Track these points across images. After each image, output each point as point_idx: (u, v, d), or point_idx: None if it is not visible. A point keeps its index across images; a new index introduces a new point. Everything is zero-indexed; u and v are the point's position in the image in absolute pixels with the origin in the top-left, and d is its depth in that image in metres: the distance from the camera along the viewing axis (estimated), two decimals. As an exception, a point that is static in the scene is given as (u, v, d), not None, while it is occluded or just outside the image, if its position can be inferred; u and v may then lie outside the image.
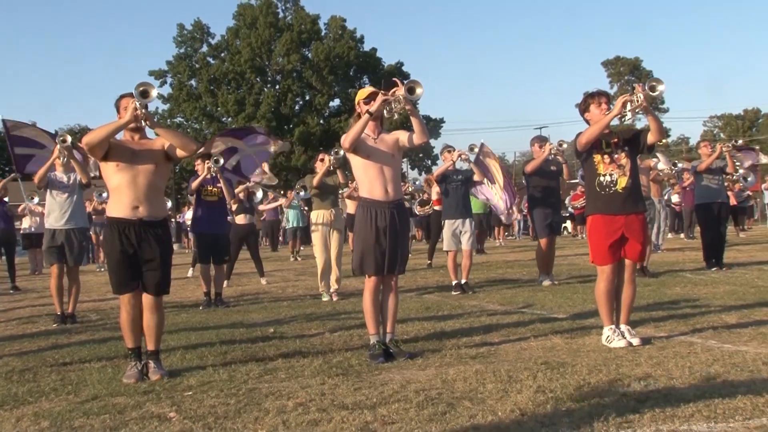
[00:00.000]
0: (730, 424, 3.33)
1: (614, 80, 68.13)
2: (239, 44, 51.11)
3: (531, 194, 10.41)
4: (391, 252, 5.25)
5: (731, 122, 71.43)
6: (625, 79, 65.29)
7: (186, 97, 50.92)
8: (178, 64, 51.90)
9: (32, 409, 4.19)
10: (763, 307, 6.90)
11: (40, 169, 8.11)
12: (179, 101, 50.68)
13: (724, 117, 73.75)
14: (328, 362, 5.10)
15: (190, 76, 51.83)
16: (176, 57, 52.35)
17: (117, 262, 4.90)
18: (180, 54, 52.50)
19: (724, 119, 73.43)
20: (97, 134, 4.80)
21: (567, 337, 5.74)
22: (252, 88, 50.78)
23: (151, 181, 4.95)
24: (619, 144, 5.53)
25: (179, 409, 3.99)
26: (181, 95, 50.84)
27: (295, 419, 3.67)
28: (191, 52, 52.74)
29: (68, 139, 8.17)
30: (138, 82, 4.80)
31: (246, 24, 51.21)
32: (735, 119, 71.95)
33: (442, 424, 3.48)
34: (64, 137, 8.16)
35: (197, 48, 52.84)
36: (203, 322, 7.65)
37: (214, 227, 9.33)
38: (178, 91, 50.89)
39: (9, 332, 7.68)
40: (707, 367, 4.46)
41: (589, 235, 5.68)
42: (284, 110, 50.35)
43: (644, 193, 8.65)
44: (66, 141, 8.14)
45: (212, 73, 51.10)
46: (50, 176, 8.08)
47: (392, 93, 5.15)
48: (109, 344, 6.32)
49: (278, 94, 50.80)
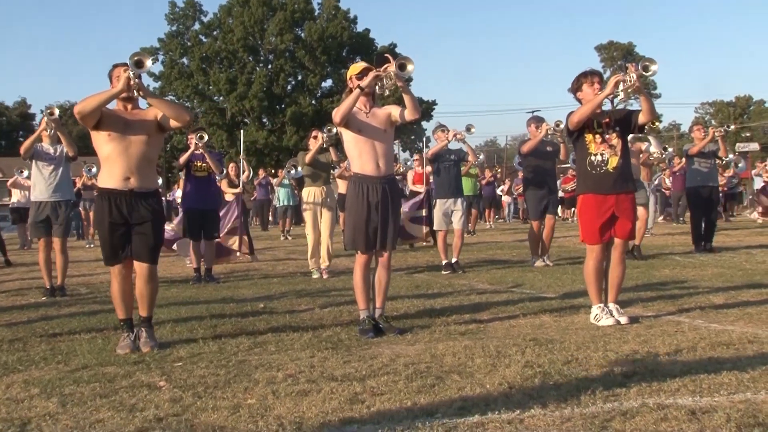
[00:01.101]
0: (714, 398, 3.36)
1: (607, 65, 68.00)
2: (232, 23, 50.71)
3: (526, 175, 10.38)
4: (382, 228, 5.25)
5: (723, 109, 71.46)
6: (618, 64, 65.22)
7: (177, 75, 50.57)
8: (170, 41, 51.53)
9: (22, 377, 4.20)
10: (749, 288, 6.95)
11: (26, 141, 8.08)
12: (171, 79, 50.30)
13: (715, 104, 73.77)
14: (317, 336, 5.12)
15: (181, 54, 51.47)
16: (168, 35, 51.97)
17: (108, 233, 4.88)
18: (172, 32, 52.11)
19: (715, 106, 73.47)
20: (89, 102, 4.74)
21: (556, 315, 5.78)
22: (244, 68, 50.48)
23: (144, 151, 4.91)
24: (611, 124, 5.52)
25: (169, 379, 4.00)
26: (172, 73, 50.46)
27: (284, 389, 3.68)
28: (183, 29, 52.37)
29: (56, 112, 8.17)
30: (132, 52, 4.76)
31: (239, 2, 50.76)
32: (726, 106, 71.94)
33: (431, 396, 3.51)
34: (51, 110, 8.18)
35: (189, 26, 52.45)
36: (193, 297, 7.64)
37: (204, 203, 9.30)
38: (169, 69, 50.49)
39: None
40: (693, 344, 4.49)
41: (579, 214, 5.69)
42: (276, 90, 50.09)
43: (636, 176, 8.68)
44: (53, 114, 8.11)
45: (204, 51, 50.71)
46: (36, 148, 8.00)
47: (384, 69, 5.13)
48: (98, 316, 6.33)
49: (270, 73, 50.53)
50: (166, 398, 3.60)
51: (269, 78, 50.07)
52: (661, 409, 3.17)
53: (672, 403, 3.28)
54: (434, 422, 3.07)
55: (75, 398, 3.68)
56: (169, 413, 3.34)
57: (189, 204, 9.38)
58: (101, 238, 4.99)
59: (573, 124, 5.51)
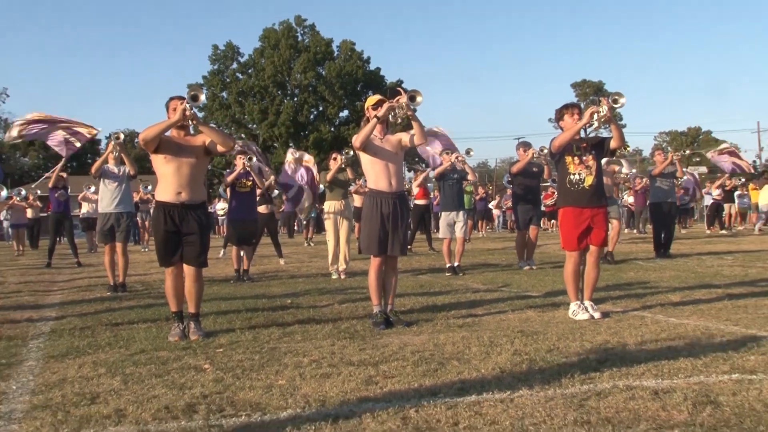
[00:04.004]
0: (674, 380, 3.36)
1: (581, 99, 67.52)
2: (264, 62, 51.01)
3: (515, 192, 10.40)
4: (393, 235, 5.24)
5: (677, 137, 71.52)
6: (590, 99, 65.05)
7: (218, 107, 50.90)
8: (212, 78, 51.86)
9: (91, 359, 4.23)
10: (701, 288, 6.93)
11: (96, 162, 8.16)
12: (212, 110, 50.55)
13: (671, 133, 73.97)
14: (337, 328, 5.12)
15: (221, 89, 51.79)
16: (210, 72, 52.35)
17: (163, 239, 4.91)
18: (214, 70, 52.48)
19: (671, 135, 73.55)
20: (151, 131, 4.78)
21: (539, 311, 5.75)
22: (274, 100, 50.67)
23: (192, 171, 4.94)
24: (587, 148, 5.53)
25: (212, 362, 4.02)
26: (214, 105, 50.77)
27: (309, 372, 3.69)
28: (223, 68, 52.67)
29: (121, 137, 8.20)
30: (190, 86, 4.78)
31: (270, 45, 51.14)
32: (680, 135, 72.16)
33: (434, 379, 3.50)
34: (117, 135, 8.19)
35: (228, 65, 52.77)
36: (231, 293, 7.66)
37: (246, 214, 9.36)
38: (211, 101, 50.74)
39: (71, 298, 7.74)
40: (655, 336, 4.49)
41: (560, 225, 5.69)
42: (301, 119, 50.28)
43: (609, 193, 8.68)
44: (119, 138, 8.16)
45: (240, 86, 51.02)
46: (104, 168, 8.12)
47: (396, 100, 5.13)
48: (153, 309, 6.36)
49: (296, 105, 50.69)
50: (210, 378, 3.62)
51: (295, 109, 50.23)
52: (629, 390, 3.17)
53: (638, 384, 3.28)
54: (437, 401, 3.08)
55: (134, 377, 3.70)
56: (212, 391, 3.36)
57: (234, 215, 9.41)
58: (157, 243, 5.00)
59: (555, 148, 5.51)
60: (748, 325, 4.82)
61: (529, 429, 2.69)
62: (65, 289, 8.81)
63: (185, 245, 4.92)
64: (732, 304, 5.81)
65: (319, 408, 3.05)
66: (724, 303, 5.90)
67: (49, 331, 5.39)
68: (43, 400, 3.30)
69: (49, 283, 9.63)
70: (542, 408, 2.94)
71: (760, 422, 2.73)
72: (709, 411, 2.87)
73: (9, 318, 6.18)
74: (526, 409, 2.94)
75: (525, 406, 2.98)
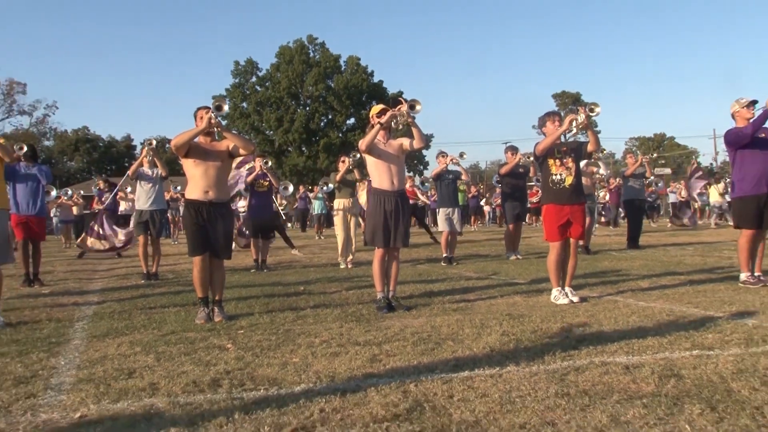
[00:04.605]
0: (642, 357, 3.37)
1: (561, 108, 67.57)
2: (279, 76, 50.88)
3: (503, 190, 10.39)
4: (395, 229, 5.24)
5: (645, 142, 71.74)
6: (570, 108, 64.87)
7: (239, 116, 50.76)
8: (234, 90, 51.73)
9: (128, 339, 4.25)
10: (666, 276, 6.94)
11: (133, 165, 8.19)
12: (234, 119, 50.44)
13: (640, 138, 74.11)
14: (345, 312, 5.12)
15: (242, 100, 51.65)
16: (232, 85, 52.23)
17: (192, 232, 4.92)
18: (235, 83, 52.35)
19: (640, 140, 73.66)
20: (182, 138, 4.80)
21: (525, 296, 5.76)
22: (288, 109, 50.57)
23: (218, 172, 4.96)
24: (567, 152, 5.52)
25: (234, 342, 4.03)
26: (235, 114, 50.65)
27: (320, 351, 3.70)
28: (243, 81, 52.53)
29: (154, 143, 8.23)
30: (215, 97, 4.79)
31: (285, 61, 51.00)
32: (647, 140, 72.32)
33: (431, 357, 3.50)
34: (150, 141, 8.24)
35: (248, 79, 52.62)
36: (251, 281, 7.66)
37: (264, 211, 9.41)
38: (233, 111, 50.62)
39: (111, 285, 7.78)
40: (627, 317, 4.49)
41: (543, 219, 5.68)
42: (312, 126, 50.19)
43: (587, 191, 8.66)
44: (152, 144, 8.19)
45: (259, 97, 50.90)
46: (139, 170, 8.14)
47: (398, 109, 5.13)
48: (182, 295, 6.38)
49: (308, 114, 50.59)
50: (233, 357, 3.63)
51: (307, 117, 50.15)
52: (603, 366, 3.17)
53: (611, 361, 3.28)
54: (434, 377, 3.08)
55: (166, 355, 3.72)
56: (234, 368, 3.37)
57: (253, 212, 9.44)
58: (188, 236, 5.01)
59: (539, 151, 5.51)
60: (706, 308, 4.84)
61: (516, 401, 2.70)
62: (105, 277, 8.83)
63: (211, 238, 4.92)
64: (693, 289, 5.82)
65: (329, 383, 3.06)
66: (686, 288, 5.91)
67: (92, 314, 5.41)
68: (87, 375, 3.32)
69: (92, 272, 9.66)
70: (527, 382, 2.95)
71: (716, 392, 2.75)
72: (672, 383, 2.88)
73: (58, 302, 6.22)
74: (513, 383, 2.95)
75: (512, 380, 2.99)
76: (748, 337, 3.75)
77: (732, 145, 6.10)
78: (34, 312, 5.60)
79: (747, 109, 6.05)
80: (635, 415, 2.49)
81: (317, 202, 19.73)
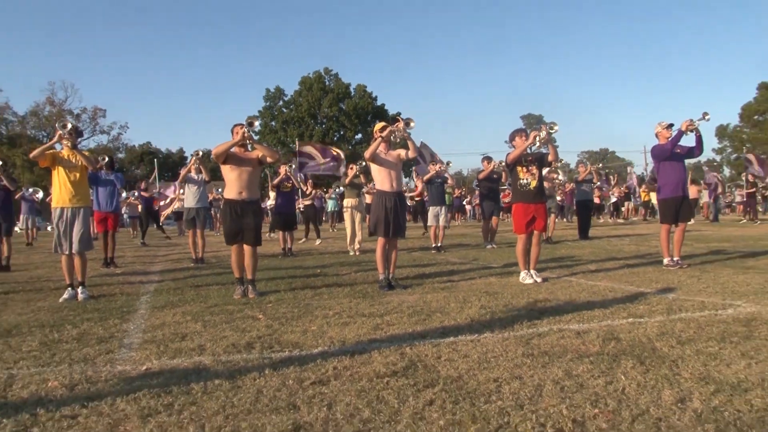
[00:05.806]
0: (590, 324, 3.37)
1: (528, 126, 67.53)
2: (301, 100, 50.76)
3: (481, 192, 10.38)
4: (394, 223, 5.23)
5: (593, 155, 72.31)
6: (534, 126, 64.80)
7: (268, 132, 50.62)
8: (265, 111, 51.60)
9: (181, 310, 4.26)
10: (610, 260, 6.94)
11: (182, 171, 8.18)
12: (264, 134, 50.36)
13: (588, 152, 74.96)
14: (353, 289, 5.11)
15: (271, 119, 51.57)
16: (264, 108, 52.09)
17: (229, 225, 4.90)
18: (266, 106, 52.19)
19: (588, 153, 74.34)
20: (221, 148, 4.79)
21: (499, 277, 5.74)
22: (308, 127, 50.42)
23: (250, 177, 4.93)
24: (532, 161, 5.51)
25: (264, 314, 4.02)
26: (265, 131, 50.48)
27: (334, 321, 3.69)
28: (272, 105, 52.35)
29: (200, 153, 8.21)
30: (248, 117, 4.82)
31: (306, 88, 50.82)
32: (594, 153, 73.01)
33: (423, 326, 3.50)
34: (197, 152, 8.20)
35: (276, 102, 52.45)
36: (277, 265, 7.65)
37: (288, 209, 9.39)
38: (264, 128, 50.39)
39: (167, 267, 7.78)
40: (578, 293, 4.49)
41: (513, 216, 5.66)
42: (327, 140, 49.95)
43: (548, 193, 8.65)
44: (199, 154, 8.17)
45: (284, 117, 50.78)
46: (188, 176, 8.12)
47: (396, 125, 5.12)
48: (223, 276, 6.36)
49: (324, 130, 50.45)
50: (263, 325, 3.63)
51: (323, 133, 50.01)
52: (560, 332, 3.17)
53: (566, 328, 3.29)
54: (425, 341, 3.08)
55: (210, 323, 3.72)
56: (265, 334, 3.37)
57: (279, 209, 9.42)
58: (225, 229, 4.99)
59: (509, 161, 5.50)
60: (639, 285, 4.84)
61: (491, 360, 2.70)
62: (163, 261, 8.83)
63: (245, 230, 4.91)
64: (629, 271, 5.82)
65: (341, 346, 3.06)
66: (624, 270, 5.91)
67: (153, 290, 5.42)
68: (150, 337, 3.34)
69: (153, 257, 9.66)
70: (500, 345, 2.95)
71: (645, 350, 2.79)
72: (613, 344, 2.89)
73: (128, 281, 6.24)
74: (489, 346, 2.95)
75: (488, 344, 2.99)
76: (668, 308, 3.77)
77: (656, 158, 6.25)
78: (110, 288, 5.63)
79: (666, 130, 6.23)
80: (584, 369, 2.51)
81: (331, 202, 19.71)
